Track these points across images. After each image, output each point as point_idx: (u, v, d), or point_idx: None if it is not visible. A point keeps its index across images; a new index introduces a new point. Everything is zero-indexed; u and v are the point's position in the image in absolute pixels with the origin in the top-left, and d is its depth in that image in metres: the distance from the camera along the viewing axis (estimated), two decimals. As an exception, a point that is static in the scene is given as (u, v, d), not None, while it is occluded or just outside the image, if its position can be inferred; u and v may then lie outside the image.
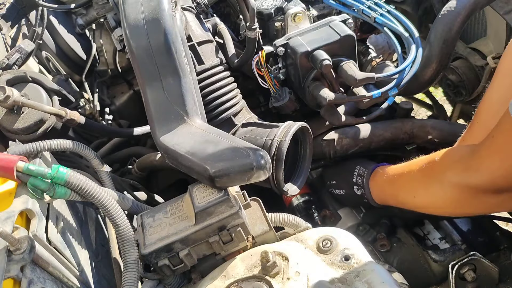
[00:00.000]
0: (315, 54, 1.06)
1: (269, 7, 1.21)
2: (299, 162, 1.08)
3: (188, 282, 0.78)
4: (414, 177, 0.94)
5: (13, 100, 0.89)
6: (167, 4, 0.84)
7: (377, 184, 1.08)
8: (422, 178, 0.91)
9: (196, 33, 1.08)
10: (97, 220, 0.97)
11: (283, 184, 0.97)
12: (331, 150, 1.20)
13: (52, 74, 1.38)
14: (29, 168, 0.66)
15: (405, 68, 1.08)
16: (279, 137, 0.94)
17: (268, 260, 0.66)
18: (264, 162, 0.73)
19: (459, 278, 0.91)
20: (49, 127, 0.96)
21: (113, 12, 1.13)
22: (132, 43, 0.83)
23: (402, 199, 1.00)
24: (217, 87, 1.05)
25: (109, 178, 0.92)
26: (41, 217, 0.66)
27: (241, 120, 1.07)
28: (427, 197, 0.91)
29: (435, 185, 0.86)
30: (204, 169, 0.73)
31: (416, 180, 0.93)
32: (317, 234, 0.74)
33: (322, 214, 1.23)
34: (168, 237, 0.72)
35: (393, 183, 1.02)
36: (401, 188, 0.99)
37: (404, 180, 0.98)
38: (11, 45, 1.22)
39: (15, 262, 0.56)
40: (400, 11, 1.17)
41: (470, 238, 1.09)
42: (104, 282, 0.83)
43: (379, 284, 0.64)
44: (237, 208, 0.72)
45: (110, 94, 1.71)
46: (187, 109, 0.83)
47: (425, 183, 0.90)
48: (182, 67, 0.84)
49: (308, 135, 1.05)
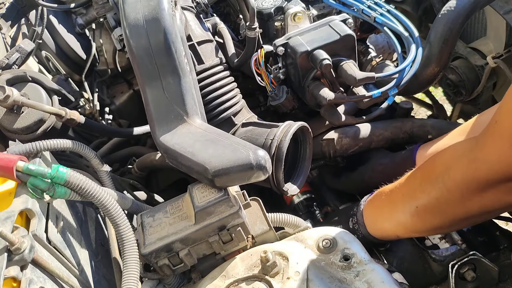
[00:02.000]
0: (315, 54, 1.06)
1: (269, 7, 1.21)
2: (299, 161, 1.08)
3: (188, 281, 0.78)
4: (412, 186, 0.84)
5: (13, 99, 0.89)
6: (167, 4, 0.84)
7: (370, 214, 0.95)
8: (421, 184, 0.81)
9: (196, 33, 1.08)
10: (97, 219, 0.97)
11: (283, 183, 0.97)
12: (331, 150, 1.20)
13: (52, 73, 1.38)
14: (29, 168, 0.66)
15: (405, 67, 1.08)
16: (279, 136, 0.94)
17: (268, 259, 0.66)
18: (264, 162, 0.73)
19: (459, 278, 0.91)
20: (49, 127, 0.96)
21: (113, 12, 1.13)
22: (132, 43, 0.83)
23: (398, 219, 0.87)
24: (217, 87, 1.05)
25: (109, 178, 0.92)
26: (41, 217, 0.66)
27: (241, 120, 1.07)
28: (429, 205, 0.80)
29: (436, 187, 0.77)
30: (204, 168, 0.73)
31: (414, 188, 0.83)
32: (317, 234, 0.74)
33: (324, 211, 1.23)
34: (168, 236, 0.72)
35: (386, 203, 0.90)
36: (396, 206, 0.87)
37: (397, 196, 0.87)
38: (11, 45, 1.22)
39: (15, 262, 0.56)
40: (400, 10, 1.17)
41: (470, 238, 1.09)
42: (104, 282, 0.83)
43: (379, 284, 0.64)
44: (237, 208, 0.72)
45: (110, 93, 1.70)
46: (187, 108, 0.83)
47: (425, 189, 0.80)
48: (182, 67, 0.83)
49: (308, 134, 1.05)
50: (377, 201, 0.95)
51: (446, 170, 0.75)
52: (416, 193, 0.82)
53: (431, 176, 0.79)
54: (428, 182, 0.79)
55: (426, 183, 0.80)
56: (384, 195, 0.91)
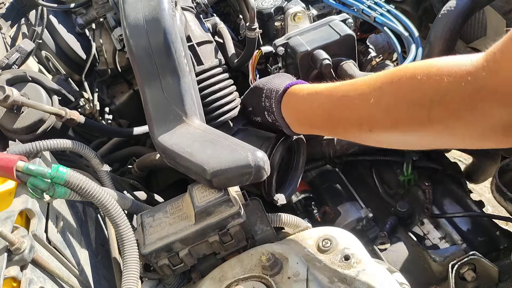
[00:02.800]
0: (315, 54, 1.06)
1: (269, 7, 1.21)
2: (291, 171, 1.08)
3: (188, 281, 0.78)
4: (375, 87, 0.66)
5: (13, 99, 0.89)
6: (167, 4, 0.84)
7: (291, 107, 0.84)
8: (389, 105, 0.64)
9: (196, 34, 1.08)
10: (97, 219, 0.97)
11: (274, 193, 0.97)
12: (330, 150, 1.21)
13: (51, 73, 1.38)
14: (29, 168, 0.66)
15: (405, 67, 1.08)
16: (272, 148, 0.94)
17: (268, 260, 0.66)
18: (263, 163, 0.73)
19: (459, 278, 0.91)
20: (49, 127, 0.96)
21: (112, 12, 1.13)
22: (131, 43, 0.83)
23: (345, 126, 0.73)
24: (216, 89, 1.04)
25: (108, 178, 0.92)
26: (41, 217, 0.66)
27: (237, 125, 1.06)
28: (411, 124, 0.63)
29: (420, 117, 0.60)
30: (202, 169, 0.73)
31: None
32: (317, 234, 0.74)
33: (322, 210, 1.24)
34: (168, 236, 0.72)
35: (325, 100, 0.76)
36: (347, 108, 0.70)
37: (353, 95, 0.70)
38: (10, 45, 1.22)
39: (15, 262, 0.56)
40: (400, 10, 1.17)
41: (470, 238, 1.09)
42: (104, 282, 0.83)
43: (379, 284, 0.64)
44: (237, 208, 0.72)
45: (110, 93, 1.70)
46: (186, 109, 0.83)
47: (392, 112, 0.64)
48: (181, 67, 0.83)
49: (303, 146, 1.05)
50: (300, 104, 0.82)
51: (437, 98, 0.57)
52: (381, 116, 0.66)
53: (412, 96, 0.61)
54: (403, 102, 0.62)
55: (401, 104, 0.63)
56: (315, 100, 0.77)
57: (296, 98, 0.85)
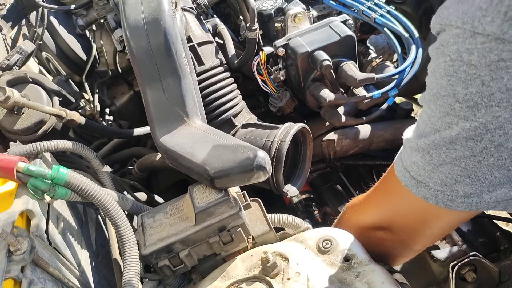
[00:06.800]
0: (315, 55, 1.06)
1: (269, 8, 1.21)
2: (298, 163, 1.08)
3: (188, 282, 0.78)
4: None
5: (14, 100, 0.89)
6: (167, 5, 0.84)
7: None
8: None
9: (196, 34, 1.08)
10: (97, 220, 0.97)
11: (283, 185, 0.97)
12: (331, 151, 1.21)
13: (52, 74, 1.39)
14: (29, 169, 0.66)
15: (405, 68, 1.08)
16: (279, 138, 0.94)
17: (268, 260, 0.66)
18: (264, 163, 0.73)
19: (460, 279, 0.91)
20: (49, 128, 0.96)
21: (113, 13, 1.14)
22: (132, 44, 0.83)
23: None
24: (217, 88, 1.05)
25: (109, 179, 0.92)
26: (41, 218, 0.66)
27: (241, 121, 1.07)
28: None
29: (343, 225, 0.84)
30: (204, 169, 0.73)
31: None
32: (317, 235, 0.74)
33: (322, 211, 1.24)
34: (168, 237, 0.72)
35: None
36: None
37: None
38: (11, 46, 1.22)
39: (15, 262, 0.56)
40: (400, 11, 1.17)
41: (471, 239, 1.09)
42: (104, 283, 0.83)
43: (379, 285, 0.64)
44: (237, 209, 0.72)
45: (110, 94, 1.71)
46: (187, 109, 0.83)
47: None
48: (182, 68, 0.84)
49: (308, 136, 1.05)
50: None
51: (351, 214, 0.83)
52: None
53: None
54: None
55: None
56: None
57: None
